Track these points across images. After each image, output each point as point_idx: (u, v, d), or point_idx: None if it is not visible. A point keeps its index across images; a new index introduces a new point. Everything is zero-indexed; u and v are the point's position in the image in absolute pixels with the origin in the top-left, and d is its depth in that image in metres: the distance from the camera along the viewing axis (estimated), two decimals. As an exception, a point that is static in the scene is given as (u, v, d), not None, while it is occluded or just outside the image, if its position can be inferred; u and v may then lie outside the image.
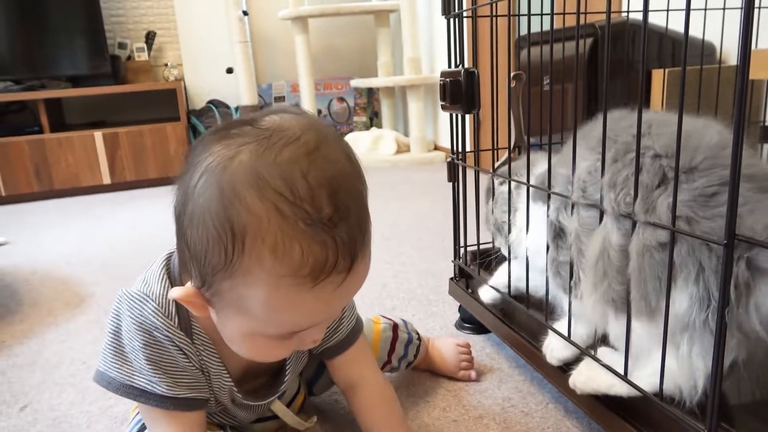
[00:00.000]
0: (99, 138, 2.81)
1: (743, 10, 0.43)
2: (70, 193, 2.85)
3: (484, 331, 1.07)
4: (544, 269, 0.77)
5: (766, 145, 1.17)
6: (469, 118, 0.97)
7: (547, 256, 0.74)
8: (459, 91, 0.90)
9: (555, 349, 0.76)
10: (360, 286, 0.53)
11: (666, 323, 0.56)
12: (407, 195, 2.33)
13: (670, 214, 0.54)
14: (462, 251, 1.06)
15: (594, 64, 1.29)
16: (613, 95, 1.28)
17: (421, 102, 3.06)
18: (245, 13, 3.12)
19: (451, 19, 0.94)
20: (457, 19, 0.94)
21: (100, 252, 1.82)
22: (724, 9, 1.06)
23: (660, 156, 0.59)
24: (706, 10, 1.05)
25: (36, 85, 2.85)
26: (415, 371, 0.95)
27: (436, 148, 3.23)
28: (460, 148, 0.99)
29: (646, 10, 0.55)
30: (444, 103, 0.93)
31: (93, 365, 1.05)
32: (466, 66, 0.91)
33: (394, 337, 0.87)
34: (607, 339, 0.70)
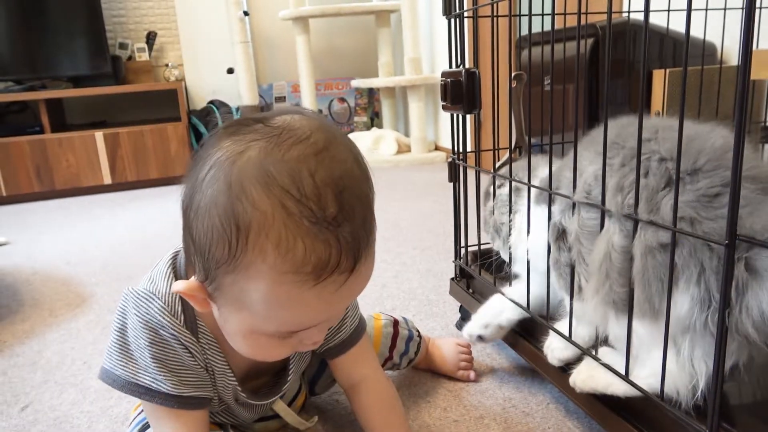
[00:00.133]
0: (100, 138, 2.81)
1: (744, 11, 0.43)
2: (71, 193, 2.85)
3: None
4: (544, 271, 0.77)
5: (767, 146, 1.17)
6: (469, 118, 0.97)
7: (549, 258, 0.74)
8: (460, 91, 0.90)
9: (556, 349, 0.76)
10: (362, 289, 0.53)
11: (667, 324, 0.56)
12: (408, 195, 2.33)
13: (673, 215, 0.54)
14: (463, 251, 1.06)
15: (595, 64, 1.29)
16: (614, 96, 1.29)
17: (422, 102, 3.06)
18: (246, 13, 3.12)
19: (451, 19, 0.94)
20: (457, 19, 0.94)
21: (101, 252, 1.82)
22: (725, 9, 1.06)
23: (666, 159, 0.59)
24: (707, 10, 1.05)
25: (37, 86, 2.85)
26: (416, 371, 0.95)
27: (437, 149, 3.23)
28: (460, 148, 0.99)
29: (647, 11, 0.55)
30: (445, 103, 0.93)
31: (94, 365, 1.05)
32: (467, 66, 0.91)
33: (395, 333, 0.87)
34: (607, 339, 0.70)
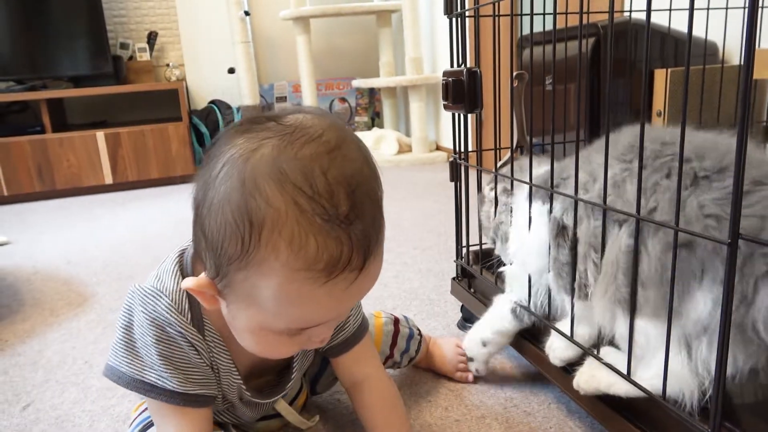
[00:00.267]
0: (101, 138, 2.81)
1: (748, 9, 0.43)
2: (72, 193, 2.85)
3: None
4: (537, 270, 0.77)
5: (768, 145, 1.17)
6: (471, 117, 0.97)
7: (549, 257, 0.74)
8: (461, 91, 0.90)
9: (557, 349, 0.76)
10: (371, 286, 0.53)
11: (669, 324, 0.56)
12: (409, 195, 2.33)
13: (699, 213, 0.55)
14: (464, 251, 1.06)
15: (596, 63, 1.29)
16: (615, 95, 1.29)
17: (423, 102, 3.06)
18: (247, 13, 3.12)
19: (453, 19, 0.94)
20: (459, 18, 0.94)
21: (102, 252, 1.82)
22: (727, 8, 1.06)
23: (690, 159, 0.59)
24: (708, 9, 1.05)
25: (38, 86, 2.85)
26: (417, 370, 0.95)
27: (438, 148, 3.23)
28: (462, 147, 0.99)
29: (649, 10, 0.55)
30: (446, 102, 0.93)
31: (95, 364, 1.05)
32: (469, 65, 0.91)
33: (395, 331, 0.87)
34: (608, 339, 0.70)
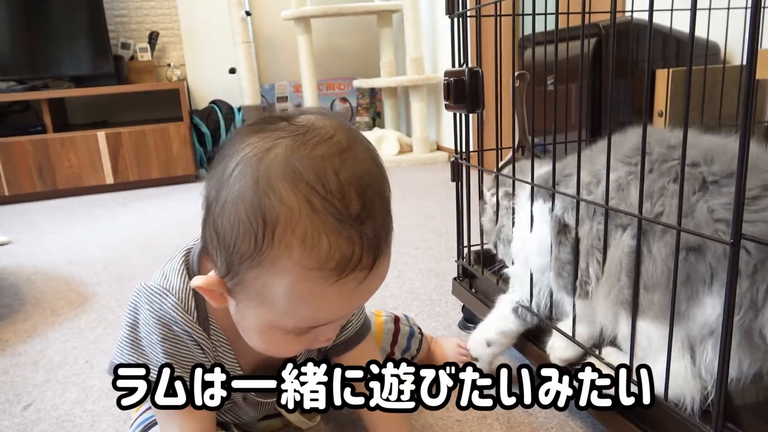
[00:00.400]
0: (102, 138, 2.81)
1: (750, 10, 0.43)
2: (73, 192, 2.85)
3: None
4: (546, 269, 0.77)
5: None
6: (472, 117, 0.97)
7: (550, 256, 0.74)
8: (463, 91, 0.90)
9: (558, 348, 0.76)
10: (379, 285, 0.54)
11: (671, 327, 0.56)
12: (410, 195, 2.33)
13: (709, 218, 0.54)
14: (465, 251, 1.06)
15: (598, 63, 1.29)
16: (616, 95, 1.29)
17: (424, 102, 3.06)
18: (248, 13, 3.12)
19: (454, 19, 0.94)
20: (460, 18, 0.94)
21: (103, 252, 1.82)
22: (729, 9, 1.06)
23: (698, 164, 0.59)
24: (710, 9, 1.05)
25: (39, 85, 2.85)
26: (418, 371, 0.95)
27: (439, 149, 3.23)
28: (463, 147, 0.99)
29: (651, 10, 0.55)
30: (448, 102, 0.93)
31: (96, 364, 1.05)
32: (470, 65, 0.91)
33: (396, 330, 0.88)
34: (609, 340, 0.70)
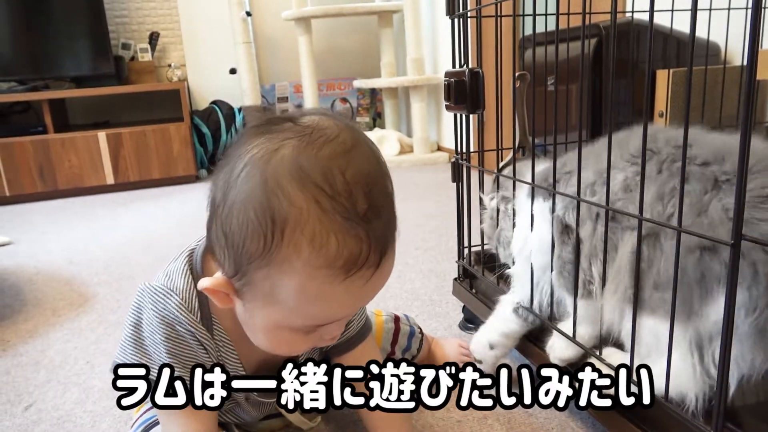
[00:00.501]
0: (102, 138, 2.81)
1: (751, 11, 0.43)
2: (74, 193, 2.85)
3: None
4: (546, 267, 0.77)
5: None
6: (473, 118, 0.97)
7: (552, 255, 0.74)
8: (463, 91, 0.90)
9: (558, 348, 0.76)
10: (384, 283, 0.54)
11: (671, 325, 0.56)
12: (410, 195, 2.33)
13: (724, 216, 0.54)
14: (466, 251, 1.06)
15: (598, 64, 1.29)
16: (617, 96, 1.29)
17: (424, 102, 3.06)
18: (248, 13, 3.12)
19: (455, 19, 0.94)
20: (461, 19, 0.94)
21: (104, 252, 1.82)
22: (729, 9, 1.06)
23: (709, 163, 0.59)
24: (711, 10, 1.05)
25: (40, 86, 2.85)
26: (418, 371, 0.95)
27: (439, 149, 3.23)
28: (464, 148, 0.99)
29: (651, 11, 0.55)
30: (448, 103, 0.93)
31: (97, 364, 1.05)
32: (471, 66, 0.91)
33: (396, 329, 0.89)
34: (614, 338, 0.70)
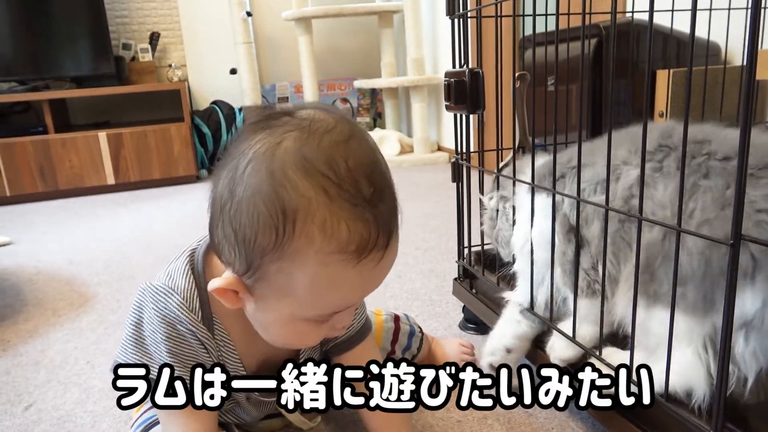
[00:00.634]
0: (103, 138, 2.81)
1: (750, 11, 0.43)
2: (75, 193, 2.85)
3: (487, 331, 1.07)
4: (548, 263, 0.77)
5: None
6: (473, 118, 0.97)
7: (555, 254, 0.74)
8: (464, 92, 0.90)
9: (558, 348, 0.76)
10: (392, 266, 0.55)
11: (671, 324, 0.55)
12: (411, 195, 2.33)
13: (750, 209, 0.54)
14: (466, 251, 1.06)
15: (598, 64, 1.29)
16: (617, 96, 1.29)
17: (425, 103, 3.06)
18: (249, 14, 3.12)
19: (455, 20, 0.94)
20: (461, 19, 0.94)
21: (104, 252, 1.82)
22: (729, 9, 1.06)
23: (730, 158, 0.59)
24: (711, 10, 1.05)
25: (40, 86, 2.86)
26: (418, 371, 0.95)
27: (440, 149, 3.23)
28: (464, 148, 0.99)
29: (651, 11, 0.55)
30: (448, 103, 0.93)
31: (97, 364, 1.05)
32: (471, 66, 0.91)
33: (396, 328, 0.89)
34: (617, 336, 0.70)
